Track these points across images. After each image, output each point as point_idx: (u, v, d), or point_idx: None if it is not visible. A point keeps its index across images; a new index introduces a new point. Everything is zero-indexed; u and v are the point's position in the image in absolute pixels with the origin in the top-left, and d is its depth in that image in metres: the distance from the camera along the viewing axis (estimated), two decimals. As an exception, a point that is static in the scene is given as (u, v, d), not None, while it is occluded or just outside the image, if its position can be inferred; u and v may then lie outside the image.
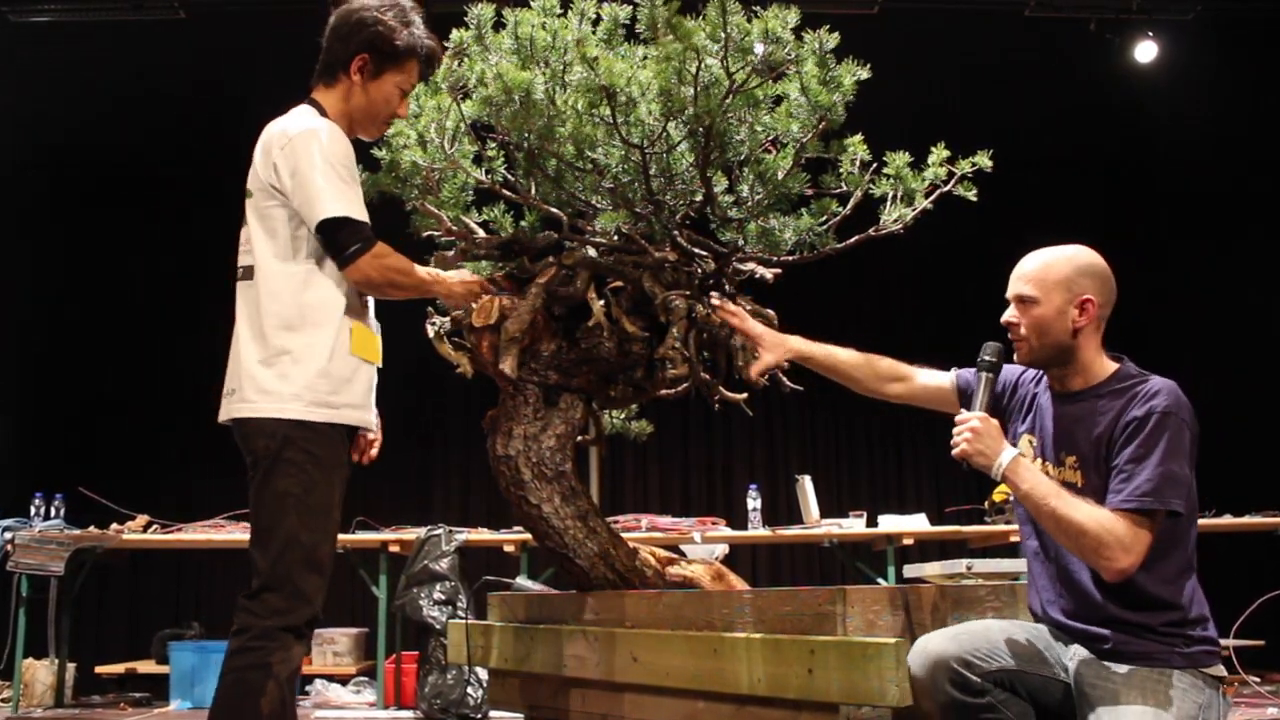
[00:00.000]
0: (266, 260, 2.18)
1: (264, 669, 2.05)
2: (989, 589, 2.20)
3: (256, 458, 2.14)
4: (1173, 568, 1.93)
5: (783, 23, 2.26)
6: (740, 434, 7.40)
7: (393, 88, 2.29)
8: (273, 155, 2.17)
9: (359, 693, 5.22)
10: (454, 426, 7.11)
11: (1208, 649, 1.93)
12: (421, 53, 2.30)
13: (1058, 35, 6.13)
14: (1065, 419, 2.05)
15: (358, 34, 2.24)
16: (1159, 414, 1.91)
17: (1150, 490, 1.87)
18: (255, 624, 2.07)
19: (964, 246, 6.22)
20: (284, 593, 2.08)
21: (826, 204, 2.58)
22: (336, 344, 2.17)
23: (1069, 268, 2.05)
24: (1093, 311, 2.03)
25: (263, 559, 2.10)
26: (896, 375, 2.33)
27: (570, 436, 2.60)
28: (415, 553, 4.79)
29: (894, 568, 5.11)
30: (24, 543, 4.73)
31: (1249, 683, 4.61)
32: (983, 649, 1.89)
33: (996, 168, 2.50)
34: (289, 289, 2.16)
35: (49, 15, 5.80)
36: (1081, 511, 1.87)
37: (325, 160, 2.14)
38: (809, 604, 2.00)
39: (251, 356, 2.16)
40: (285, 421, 2.12)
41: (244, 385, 2.16)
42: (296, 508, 2.10)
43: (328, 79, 2.28)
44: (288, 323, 2.15)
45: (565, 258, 2.59)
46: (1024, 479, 1.94)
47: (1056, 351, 2.05)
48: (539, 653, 2.65)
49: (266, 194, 2.18)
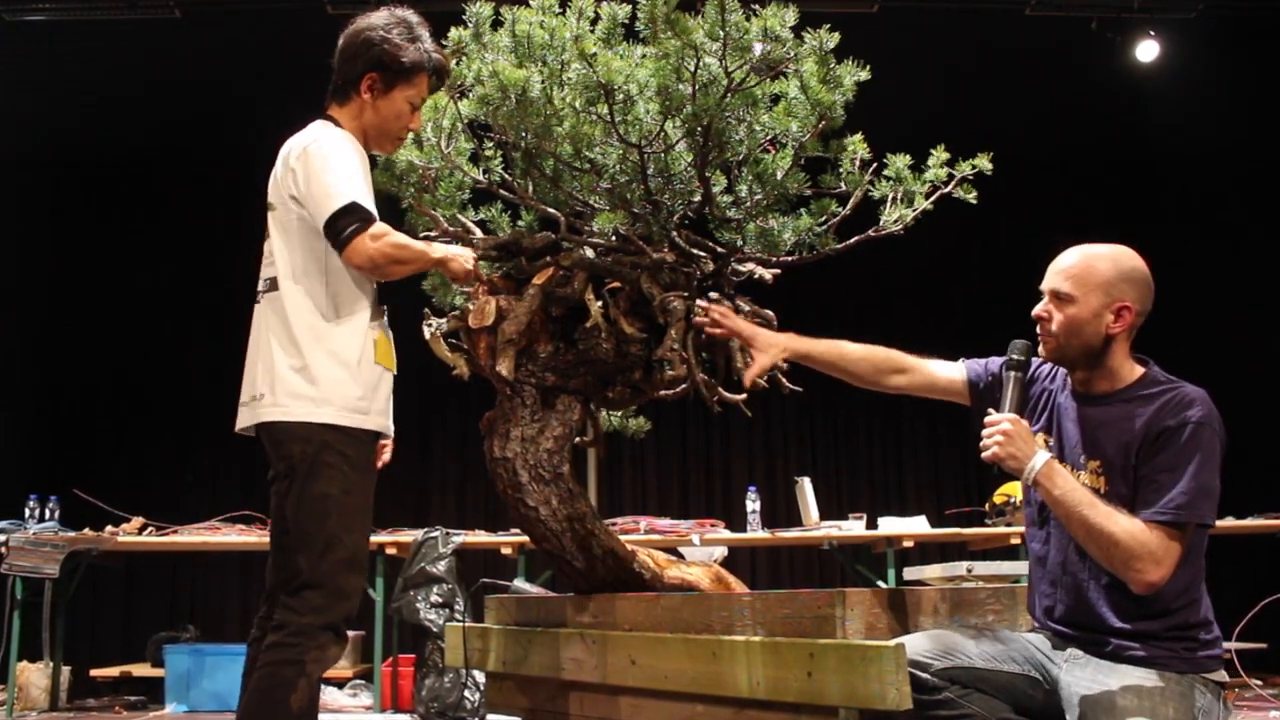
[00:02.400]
0: (290, 271, 2.23)
1: (297, 665, 2.09)
2: (989, 591, 2.18)
3: (291, 463, 2.18)
4: (1186, 576, 1.90)
5: (781, 21, 2.25)
6: (739, 435, 7.38)
7: (403, 103, 2.33)
8: (291, 164, 2.24)
9: (355, 696, 5.20)
10: (451, 428, 7.10)
11: (1211, 653, 1.90)
12: (429, 66, 2.34)
13: (1059, 34, 6.11)
14: (1089, 422, 2.00)
15: (365, 53, 2.29)
16: (1194, 424, 1.87)
17: (1185, 503, 1.83)
18: (294, 621, 2.12)
19: (964, 246, 6.21)
20: (325, 590, 2.13)
21: (826, 204, 2.56)
22: (364, 352, 2.24)
23: (1112, 270, 1.99)
24: (1129, 319, 1.97)
25: (305, 561, 2.14)
26: (898, 367, 2.25)
27: (568, 438, 2.58)
28: (412, 555, 4.77)
29: (894, 570, 5.09)
30: (18, 545, 4.70)
31: (1251, 686, 4.59)
32: (937, 649, 1.87)
33: (997, 167, 2.48)
34: (316, 298, 2.22)
35: (43, 14, 5.78)
36: (1115, 522, 1.83)
37: (333, 162, 2.20)
38: (808, 607, 1.99)
39: (283, 363, 2.21)
40: (321, 426, 2.17)
41: (275, 391, 2.20)
42: (337, 509, 2.16)
43: (340, 98, 2.34)
44: (318, 332, 2.21)
45: (563, 258, 2.57)
46: (1057, 484, 1.89)
47: (1084, 353, 1.99)
48: (537, 656, 2.63)
49: (287, 205, 2.25)
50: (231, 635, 6.48)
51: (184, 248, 6.88)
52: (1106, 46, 5.98)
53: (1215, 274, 7.08)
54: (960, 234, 4.99)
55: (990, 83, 6.53)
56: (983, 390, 2.17)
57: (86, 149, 6.82)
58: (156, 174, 7.03)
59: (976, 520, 5.51)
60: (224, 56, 6.08)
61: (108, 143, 6.78)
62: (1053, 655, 1.97)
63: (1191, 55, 6.13)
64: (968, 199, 2.49)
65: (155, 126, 6.66)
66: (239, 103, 6.29)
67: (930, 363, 2.26)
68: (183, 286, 6.78)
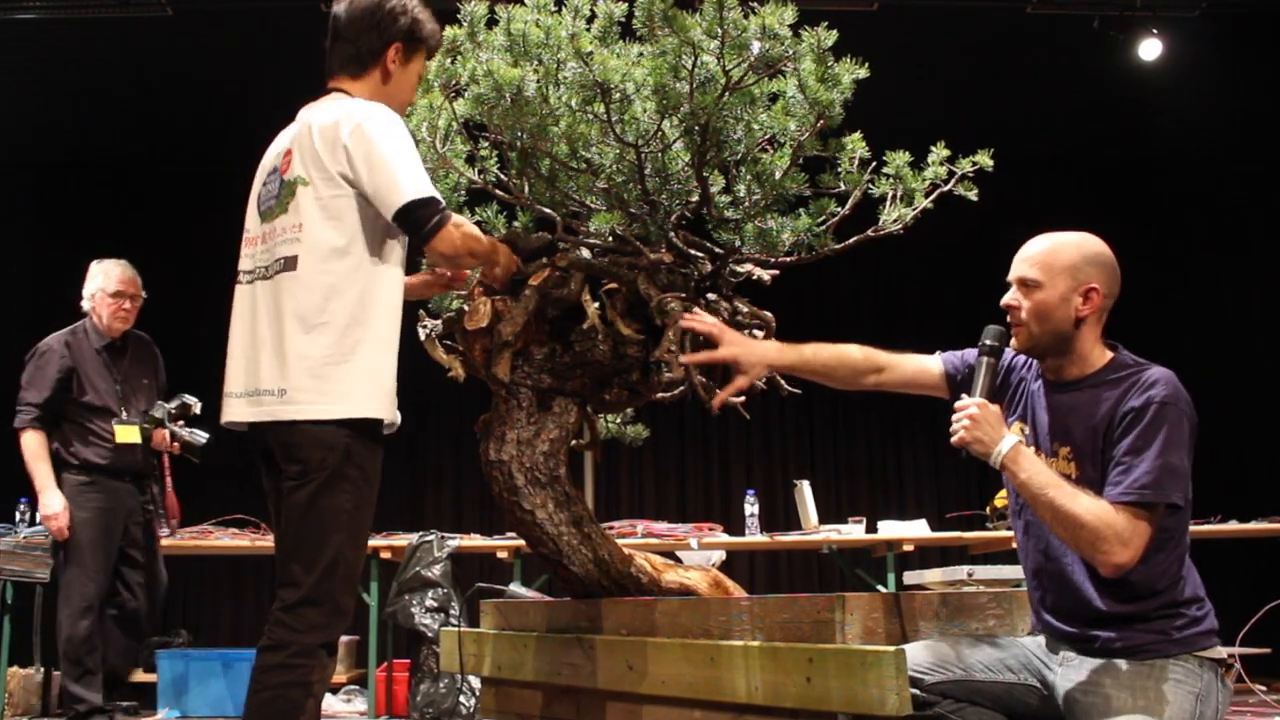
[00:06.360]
0: (325, 252, 2.09)
1: (305, 687, 2.03)
2: (990, 596, 2.17)
3: (307, 467, 2.07)
4: (1168, 559, 1.89)
5: (780, 19, 2.23)
6: (737, 438, 7.37)
7: (415, 75, 2.35)
8: (343, 141, 2.10)
9: (350, 701, 5.17)
10: (446, 431, 7.08)
11: (1202, 630, 1.88)
12: (436, 39, 2.37)
13: (1060, 32, 6.10)
14: (1059, 409, 2.00)
15: (392, 23, 2.27)
16: (1158, 404, 1.87)
17: (1149, 483, 1.83)
18: (295, 640, 2.04)
19: (964, 246, 6.20)
20: (325, 609, 2.07)
21: (825, 204, 2.54)
22: (396, 343, 2.18)
23: (1076, 254, 2.00)
24: (1097, 301, 1.98)
25: (306, 574, 2.06)
26: (873, 366, 2.24)
27: (564, 441, 2.56)
28: (407, 559, 4.74)
29: (894, 574, 5.07)
30: (8, 549, 4.68)
31: (1255, 691, 4.57)
32: (932, 661, 1.87)
33: (997, 166, 2.46)
34: (357, 281, 2.11)
35: (34, 13, 5.75)
36: (1080, 504, 1.83)
37: (399, 144, 2.13)
38: (807, 611, 1.97)
39: (305, 351, 2.06)
40: (347, 431, 2.06)
41: (291, 384, 2.06)
42: (348, 526, 2.08)
43: (355, 69, 2.28)
44: (357, 316, 2.09)
45: (559, 259, 2.54)
46: (1023, 467, 1.89)
47: (1056, 339, 2.00)
48: (533, 661, 2.61)
49: (332, 183, 2.11)
50: (224, 640, 6.46)
51: (176, 247, 6.85)
52: (1109, 45, 5.96)
53: (1218, 273, 7.08)
54: (960, 233, 4.96)
55: (991, 82, 6.52)
56: (959, 382, 2.17)
57: (80, 148, 6.80)
58: (148, 172, 7.00)
59: (977, 524, 5.49)
60: (216, 54, 6.06)
61: (101, 141, 6.76)
62: (1049, 660, 1.96)
63: (1194, 54, 6.12)
64: (969, 197, 2.47)
65: (148, 125, 6.64)
66: (229, 99, 6.26)
67: (907, 358, 2.26)
68: (172, 285, 6.74)
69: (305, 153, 2.15)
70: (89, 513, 4.08)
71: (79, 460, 4.11)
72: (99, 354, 4.26)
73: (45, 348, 4.25)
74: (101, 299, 4.28)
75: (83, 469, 4.11)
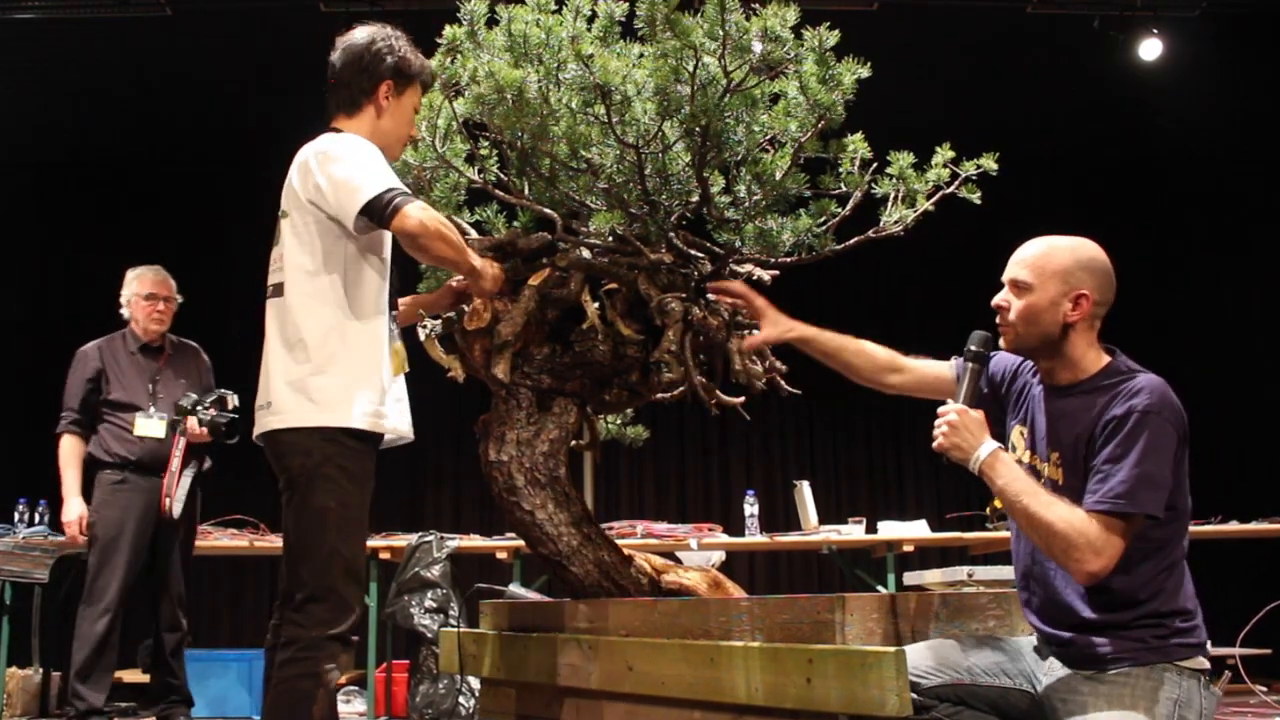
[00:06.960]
0: (302, 275, 2.27)
1: (314, 677, 2.16)
2: (990, 597, 2.17)
3: (292, 475, 2.24)
4: (1155, 569, 1.87)
5: (782, 20, 2.22)
6: (737, 439, 7.36)
7: (410, 108, 2.46)
8: (311, 169, 2.29)
9: (349, 702, 5.17)
10: (446, 431, 7.06)
11: (1185, 641, 1.86)
12: (429, 72, 2.47)
13: (1060, 32, 6.10)
14: (1055, 414, 2.00)
15: (379, 64, 2.40)
16: (1139, 413, 1.85)
17: (1124, 492, 1.81)
18: (303, 635, 2.18)
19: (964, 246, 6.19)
20: (329, 603, 2.20)
21: (825, 204, 2.53)
22: (381, 358, 2.29)
23: (1070, 259, 1.99)
24: (1086, 308, 1.96)
25: (307, 573, 2.21)
26: (895, 366, 2.28)
27: (564, 441, 2.56)
28: (406, 560, 4.73)
29: (894, 575, 5.06)
30: (7, 550, 4.67)
31: (1255, 692, 4.56)
32: (929, 664, 1.86)
33: (998, 166, 2.46)
34: (331, 302, 2.26)
35: (34, 13, 5.75)
36: (1054, 511, 1.83)
37: (357, 155, 2.26)
38: (807, 612, 1.96)
39: (285, 368, 2.25)
40: (322, 438, 2.21)
41: (275, 398, 2.25)
42: (336, 522, 2.22)
43: (349, 109, 2.41)
44: (332, 334, 2.25)
45: (559, 259, 2.54)
46: (1000, 474, 1.90)
47: (1042, 342, 1.99)
48: (532, 662, 2.60)
49: (305, 210, 2.28)
50: (223, 640, 6.45)
51: (174, 247, 6.83)
52: (1109, 45, 5.96)
53: (1218, 273, 7.07)
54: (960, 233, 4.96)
55: (991, 82, 6.51)
56: None
57: (78, 149, 6.80)
58: (149, 174, 6.99)
59: (977, 524, 5.49)
60: (217, 54, 6.05)
61: (100, 142, 6.76)
62: (1037, 663, 1.97)
63: (1195, 54, 6.11)
64: (971, 199, 2.46)
65: (147, 126, 6.64)
66: (228, 100, 6.26)
67: (923, 362, 2.29)
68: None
69: (287, 187, 2.34)
70: (117, 511, 4.10)
71: (111, 455, 4.16)
72: (133, 355, 4.31)
73: (81, 353, 4.33)
74: (136, 303, 4.36)
75: (116, 466, 4.15)
